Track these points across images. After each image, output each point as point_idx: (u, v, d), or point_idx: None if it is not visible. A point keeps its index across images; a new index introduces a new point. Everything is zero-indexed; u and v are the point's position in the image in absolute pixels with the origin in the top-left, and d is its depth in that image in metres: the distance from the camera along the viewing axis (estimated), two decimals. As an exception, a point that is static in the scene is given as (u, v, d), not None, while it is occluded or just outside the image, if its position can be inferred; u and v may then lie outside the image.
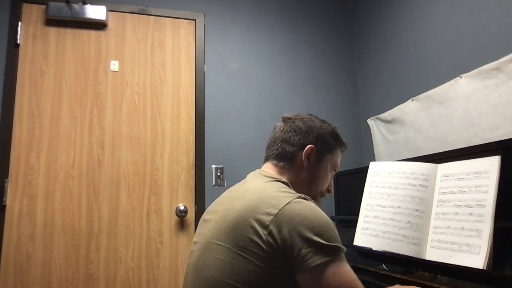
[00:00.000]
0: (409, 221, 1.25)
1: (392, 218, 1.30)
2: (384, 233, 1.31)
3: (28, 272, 1.91)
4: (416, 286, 1.00)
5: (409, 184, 1.30)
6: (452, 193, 1.17)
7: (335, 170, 1.13)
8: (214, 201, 1.06)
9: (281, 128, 1.09)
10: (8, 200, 1.94)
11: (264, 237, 0.84)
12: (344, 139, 1.13)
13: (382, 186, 1.40)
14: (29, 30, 2.08)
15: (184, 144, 2.21)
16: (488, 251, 1.00)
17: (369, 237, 1.36)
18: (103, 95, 2.14)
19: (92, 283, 1.97)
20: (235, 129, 2.31)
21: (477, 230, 1.04)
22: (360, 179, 1.54)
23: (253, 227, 0.85)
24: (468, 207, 1.09)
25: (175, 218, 2.13)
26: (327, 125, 1.10)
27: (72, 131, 2.07)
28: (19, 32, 2.05)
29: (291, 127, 1.07)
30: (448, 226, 1.13)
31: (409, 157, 1.85)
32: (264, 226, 0.84)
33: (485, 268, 0.99)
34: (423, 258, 1.17)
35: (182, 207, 2.12)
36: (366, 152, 2.43)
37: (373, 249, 1.32)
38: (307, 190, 1.03)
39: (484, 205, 1.05)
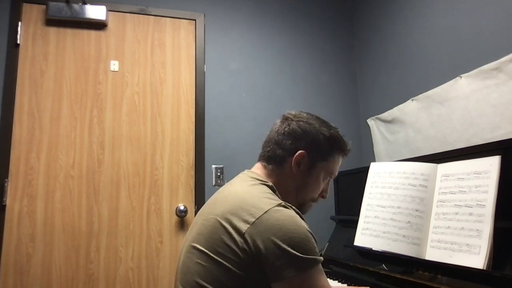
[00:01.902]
0: (409, 221, 1.25)
1: (392, 218, 1.30)
2: (384, 233, 1.31)
3: (28, 272, 1.91)
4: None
5: (409, 184, 1.30)
6: (452, 193, 1.17)
7: (331, 177, 1.06)
8: (206, 202, 1.06)
9: (277, 129, 1.04)
10: (8, 200, 1.94)
11: (240, 244, 0.83)
12: (346, 143, 1.06)
13: (382, 186, 1.40)
14: (29, 30, 2.08)
15: (184, 144, 2.21)
16: (488, 251, 1.00)
17: (369, 237, 1.36)
18: (103, 95, 2.14)
19: (92, 283, 1.97)
20: (235, 129, 2.31)
21: (477, 230, 1.04)
22: (360, 179, 1.54)
23: (229, 233, 0.85)
24: (468, 207, 1.09)
25: (175, 218, 2.13)
26: (326, 129, 1.02)
27: (72, 131, 2.07)
28: (19, 32, 2.05)
29: (286, 129, 1.02)
30: (448, 226, 1.13)
31: (409, 157, 1.85)
32: (240, 233, 0.84)
33: (485, 268, 0.99)
34: (423, 258, 1.17)
35: (182, 207, 2.12)
36: (366, 152, 2.43)
37: (373, 249, 1.32)
38: (294, 196, 1.01)
39: (484, 205, 1.05)
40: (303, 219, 0.89)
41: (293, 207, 0.90)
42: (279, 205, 0.87)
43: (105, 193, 2.06)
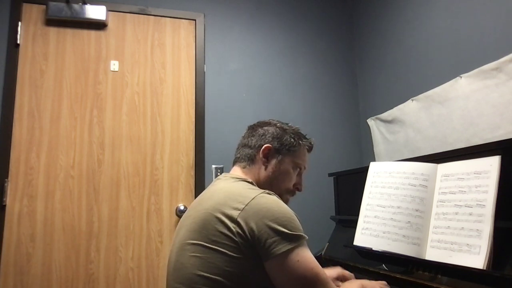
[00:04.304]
0: (409, 221, 1.25)
1: (392, 218, 1.30)
2: (384, 233, 1.31)
3: (28, 272, 1.91)
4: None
5: (409, 184, 1.30)
6: (452, 193, 1.16)
7: (301, 168, 1.17)
8: (187, 209, 1.11)
9: (244, 135, 1.20)
10: (8, 200, 1.94)
11: (233, 229, 0.90)
12: (309, 138, 1.19)
13: (382, 186, 1.40)
14: (29, 30, 2.08)
15: (184, 144, 2.21)
16: (488, 251, 1.00)
17: (369, 237, 1.36)
18: (103, 95, 2.14)
19: (92, 283, 1.97)
20: (235, 129, 2.30)
21: (477, 230, 1.04)
22: (360, 179, 1.54)
23: (222, 221, 0.91)
24: (468, 207, 1.09)
25: (175, 218, 2.13)
26: (287, 127, 1.17)
27: (72, 131, 2.07)
28: (19, 32, 2.05)
29: (251, 133, 1.17)
30: (448, 226, 1.13)
31: (409, 157, 1.85)
32: (232, 220, 0.91)
33: (485, 268, 0.98)
34: (423, 258, 1.17)
35: (182, 207, 2.12)
36: (366, 152, 2.43)
37: (373, 249, 1.32)
38: (270, 188, 1.08)
39: (484, 205, 1.05)
40: None
41: (276, 194, 1.00)
42: (263, 192, 0.97)
43: (105, 193, 2.06)
